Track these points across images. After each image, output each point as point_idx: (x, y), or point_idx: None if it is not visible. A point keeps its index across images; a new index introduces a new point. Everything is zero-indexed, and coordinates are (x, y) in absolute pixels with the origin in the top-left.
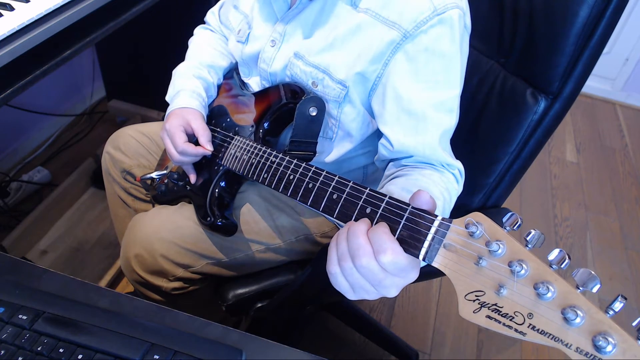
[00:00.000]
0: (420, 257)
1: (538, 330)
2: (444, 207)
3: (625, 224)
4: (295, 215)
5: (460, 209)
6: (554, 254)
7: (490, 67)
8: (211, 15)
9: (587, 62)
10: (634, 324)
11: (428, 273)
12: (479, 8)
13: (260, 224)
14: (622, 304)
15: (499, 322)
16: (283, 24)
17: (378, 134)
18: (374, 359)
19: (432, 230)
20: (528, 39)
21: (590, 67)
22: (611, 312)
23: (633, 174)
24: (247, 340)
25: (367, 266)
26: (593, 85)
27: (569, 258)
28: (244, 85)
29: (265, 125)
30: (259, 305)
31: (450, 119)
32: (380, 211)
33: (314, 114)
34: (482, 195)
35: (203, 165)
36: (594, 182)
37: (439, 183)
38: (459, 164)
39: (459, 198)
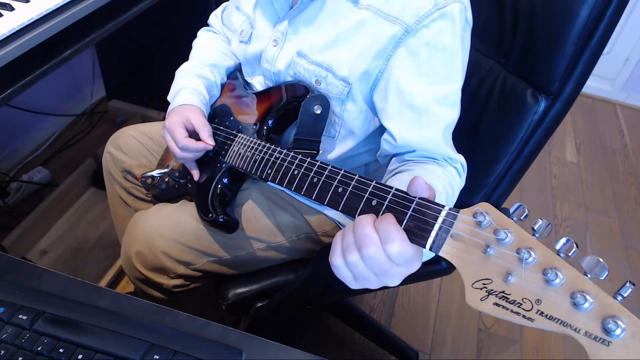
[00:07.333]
0: (427, 247)
1: (546, 315)
2: (446, 201)
3: (625, 224)
4: (297, 213)
5: (460, 209)
6: (561, 243)
7: (490, 67)
8: (214, 18)
9: (588, 62)
10: None
11: (429, 273)
12: (480, 8)
13: (262, 222)
14: (630, 289)
15: (507, 309)
16: (285, 23)
17: (380, 131)
18: (373, 359)
19: (440, 220)
20: (528, 39)
21: (590, 67)
22: (619, 298)
23: (633, 174)
24: (247, 340)
25: (374, 256)
26: (593, 85)
27: (577, 246)
28: (247, 85)
29: (270, 123)
30: (259, 304)
31: (452, 113)
32: (386, 203)
33: (318, 112)
34: (482, 195)
35: (206, 162)
36: (594, 182)
37: (442, 178)
38: (461, 158)
39: (458, 198)
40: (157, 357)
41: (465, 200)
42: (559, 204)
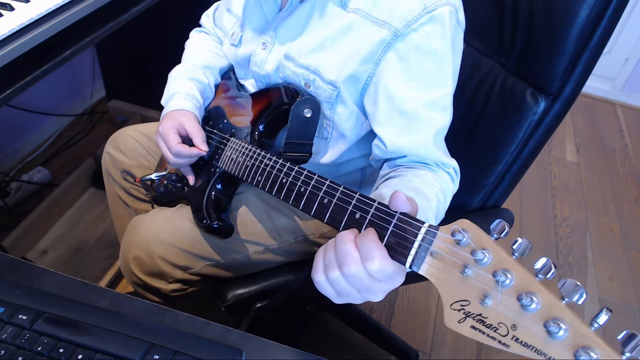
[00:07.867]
0: (407, 264)
1: (521, 342)
2: (437, 207)
3: (625, 224)
4: (294, 216)
5: (460, 210)
6: (540, 263)
7: (490, 67)
8: (206, 18)
9: (588, 62)
10: (619, 337)
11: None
12: (479, 8)
13: (258, 225)
14: (607, 317)
15: (483, 333)
16: (274, 26)
17: (374, 135)
18: (374, 359)
19: (419, 237)
20: (528, 39)
21: (590, 67)
22: (596, 325)
23: (633, 174)
24: (247, 340)
25: (355, 274)
26: (593, 85)
27: (555, 267)
28: (240, 86)
29: (261, 127)
30: (259, 305)
31: (443, 118)
32: (369, 217)
33: (308, 115)
34: (482, 195)
35: (200, 167)
36: (594, 182)
37: (433, 184)
38: (453, 163)
39: (459, 198)
40: (157, 357)
41: (465, 201)
42: (559, 204)
